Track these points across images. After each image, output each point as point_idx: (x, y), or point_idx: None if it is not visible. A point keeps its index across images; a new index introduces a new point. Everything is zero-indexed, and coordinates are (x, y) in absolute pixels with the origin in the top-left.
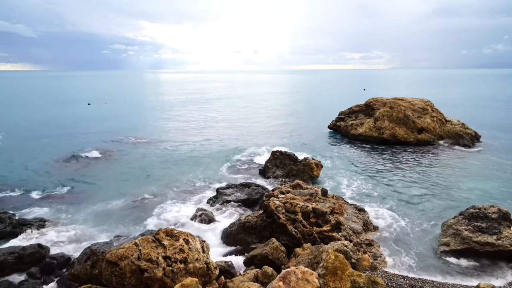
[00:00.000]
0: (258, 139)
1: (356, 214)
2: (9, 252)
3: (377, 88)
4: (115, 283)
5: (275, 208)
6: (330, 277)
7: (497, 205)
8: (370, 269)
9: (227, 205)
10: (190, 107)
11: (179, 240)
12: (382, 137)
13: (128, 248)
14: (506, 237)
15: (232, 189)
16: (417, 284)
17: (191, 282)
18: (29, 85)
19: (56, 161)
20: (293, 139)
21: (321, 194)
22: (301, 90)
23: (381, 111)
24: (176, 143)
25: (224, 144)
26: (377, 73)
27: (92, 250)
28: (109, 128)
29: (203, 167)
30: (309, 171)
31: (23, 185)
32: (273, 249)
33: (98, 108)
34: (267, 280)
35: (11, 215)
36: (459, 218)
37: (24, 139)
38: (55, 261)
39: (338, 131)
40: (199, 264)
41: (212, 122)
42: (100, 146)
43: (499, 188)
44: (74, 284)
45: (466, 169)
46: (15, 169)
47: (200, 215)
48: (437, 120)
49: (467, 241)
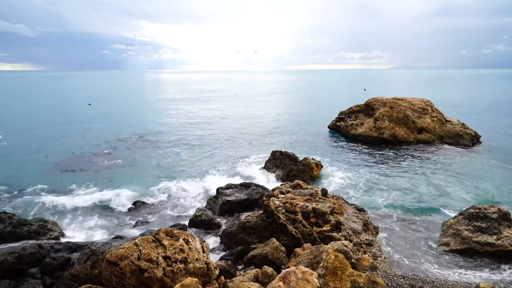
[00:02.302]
0: (258, 139)
1: (356, 214)
2: (9, 252)
3: (377, 88)
4: (115, 283)
5: (275, 208)
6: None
7: (497, 205)
8: (370, 269)
9: (227, 205)
10: (190, 107)
11: (179, 240)
12: (382, 137)
13: (128, 248)
14: (506, 237)
15: (232, 189)
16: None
17: (191, 282)
18: (29, 85)
19: (56, 161)
20: (293, 139)
21: (321, 194)
22: (301, 90)
23: (381, 111)
24: (175, 143)
25: (223, 144)
26: (377, 73)
27: (92, 250)
28: (109, 128)
29: (203, 167)
30: (309, 171)
31: (23, 185)
32: (273, 249)
33: (98, 107)
34: (267, 280)
35: (11, 215)
36: (459, 218)
37: (24, 139)
38: (55, 261)
39: (338, 131)
40: (199, 264)
41: (212, 122)
42: (100, 146)
43: (499, 188)
44: (74, 284)
45: (466, 169)
46: (15, 169)
47: (200, 215)
48: (437, 120)
49: (467, 241)
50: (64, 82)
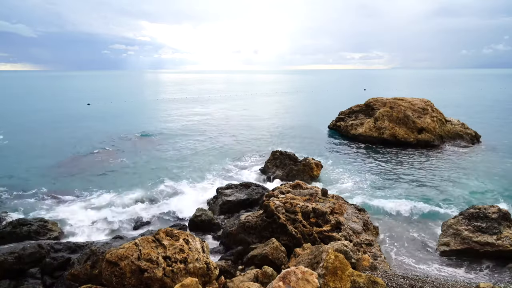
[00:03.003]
0: (258, 139)
1: (356, 214)
2: (9, 252)
3: (377, 88)
4: (115, 283)
5: (275, 208)
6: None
7: (497, 205)
8: (370, 269)
9: (227, 205)
10: (190, 107)
11: (179, 240)
12: (382, 137)
13: (128, 248)
14: (506, 237)
15: (232, 189)
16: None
17: (191, 282)
18: (29, 85)
19: (56, 161)
20: (293, 139)
21: (321, 194)
22: (301, 90)
23: (381, 111)
24: (175, 143)
25: (223, 144)
26: (377, 73)
27: (92, 250)
28: (109, 128)
29: (203, 167)
30: (309, 171)
31: (23, 185)
32: (273, 249)
33: (98, 107)
34: (267, 280)
35: (11, 215)
36: (459, 218)
37: (24, 139)
38: (55, 261)
39: (338, 131)
40: (199, 264)
41: (212, 122)
42: (100, 146)
43: (499, 188)
44: (74, 284)
45: (466, 169)
46: (15, 169)
47: (200, 215)
48: (437, 120)
49: (467, 241)
50: (64, 82)
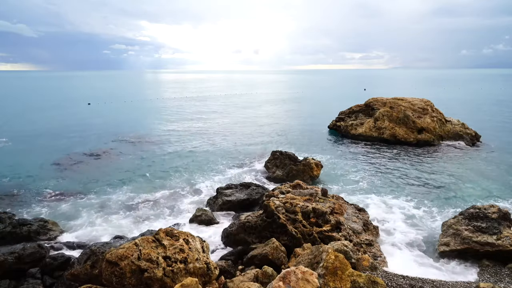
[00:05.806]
0: (258, 139)
1: (356, 214)
2: (9, 252)
3: (377, 88)
4: (115, 283)
5: (275, 208)
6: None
7: (497, 205)
8: (370, 269)
9: (227, 205)
10: (190, 107)
11: (179, 240)
12: (382, 137)
13: (128, 248)
14: (506, 237)
15: (232, 189)
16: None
17: (191, 282)
18: (29, 85)
19: (56, 161)
20: (293, 139)
21: (321, 194)
22: (301, 90)
23: (381, 111)
24: (175, 143)
25: (223, 144)
26: (377, 73)
27: (92, 250)
28: (109, 128)
29: (202, 167)
30: (309, 171)
31: (23, 185)
32: (273, 249)
33: (98, 107)
34: (267, 280)
35: (11, 215)
36: (459, 218)
37: (24, 139)
38: (55, 261)
39: (338, 131)
40: (199, 264)
41: (212, 122)
42: (100, 145)
43: (499, 188)
44: (74, 284)
45: (466, 169)
46: (15, 169)
47: (200, 215)
48: (437, 120)
49: (467, 241)
50: (64, 82)
